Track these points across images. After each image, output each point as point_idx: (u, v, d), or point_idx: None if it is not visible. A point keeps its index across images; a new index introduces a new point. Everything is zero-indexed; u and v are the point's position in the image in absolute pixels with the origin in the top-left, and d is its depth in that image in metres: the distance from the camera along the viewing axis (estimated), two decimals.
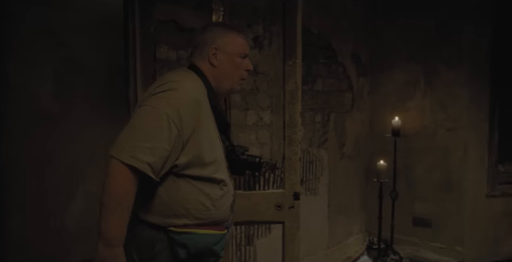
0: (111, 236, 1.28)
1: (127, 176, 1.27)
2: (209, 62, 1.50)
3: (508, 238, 3.69)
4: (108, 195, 1.27)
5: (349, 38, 3.64)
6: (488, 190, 3.59)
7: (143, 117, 1.33)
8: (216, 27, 1.55)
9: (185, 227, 1.41)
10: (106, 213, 1.27)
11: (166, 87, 1.37)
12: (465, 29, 3.48)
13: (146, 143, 1.28)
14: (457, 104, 3.55)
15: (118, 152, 1.27)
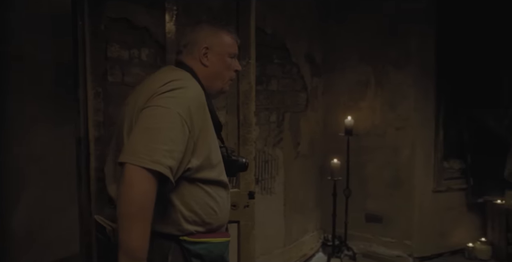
0: (136, 248, 1.19)
1: (150, 182, 1.19)
2: (200, 62, 1.47)
3: (452, 231, 3.89)
4: (130, 204, 1.18)
5: (303, 38, 3.70)
6: (434, 185, 3.77)
7: (156, 119, 1.25)
8: (207, 27, 1.51)
9: (198, 236, 1.36)
10: (129, 223, 1.18)
11: (172, 86, 1.30)
12: (412, 31, 3.64)
13: (165, 145, 1.21)
14: (405, 104, 3.70)
15: (137, 158, 1.18)
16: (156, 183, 1.20)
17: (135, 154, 1.19)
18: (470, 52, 3.93)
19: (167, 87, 1.30)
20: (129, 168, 1.18)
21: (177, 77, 1.36)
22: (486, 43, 3.97)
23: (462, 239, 3.87)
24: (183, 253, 1.33)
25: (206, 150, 1.34)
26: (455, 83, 3.97)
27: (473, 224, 3.97)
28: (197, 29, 1.50)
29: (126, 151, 1.22)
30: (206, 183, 1.36)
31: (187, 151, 1.28)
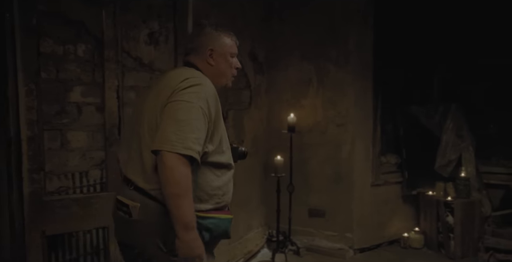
0: (188, 220, 1.42)
1: (185, 165, 1.41)
2: (207, 62, 1.69)
3: (390, 222, 4.09)
4: (176, 184, 1.40)
5: (246, 36, 3.72)
6: (372, 179, 3.94)
7: (183, 112, 1.46)
8: (210, 31, 1.71)
9: (208, 212, 1.55)
10: (179, 201, 1.40)
11: (191, 83, 1.52)
12: (351, 31, 3.77)
13: (193, 134, 1.43)
14: (345, 102, 3.83)
15: (171, 145, 1.40)
16: (190, 165, 1.43)
17: (169, 142, 1.40)
18: (405, 52, 4.14)
19: (186, 84, 1.52)
20: (167, 155, 1.40)
21: (192, 75, 1.58)
22: (420, 43, 4.20)
23: (398, 230, 4.08)
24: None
25: (219, 137, 1.56)
26: (392, 81, 4.18)
27: (408, 215, 4.20)
28: (202, 33, 1.71)
29: (160, 140, 1.42)
30: (216, 167, 1.57)
31: (206, 138, 1.49)
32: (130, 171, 1.61)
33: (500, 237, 3.61)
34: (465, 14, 4.15)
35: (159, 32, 2.77)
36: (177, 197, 1.40)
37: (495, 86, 4.30)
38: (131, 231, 1.58)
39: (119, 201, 1.60)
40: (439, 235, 3.91)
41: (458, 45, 4.24)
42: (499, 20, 4.07)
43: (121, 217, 1.59)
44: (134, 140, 1.62)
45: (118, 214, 1.62)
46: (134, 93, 2.66)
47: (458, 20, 4.16)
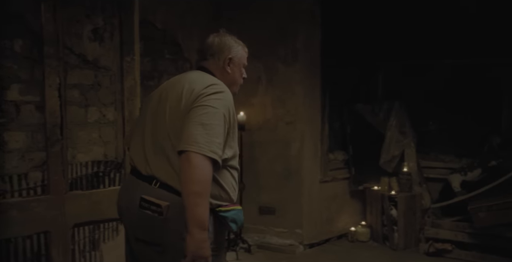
0: (204, 219, 1.48)
1: (209, 166, 1.49)
2: (224, 70, 1.77)
3: (338, 217, 4.21)
4: (199, 183, 1.47)
5: (195, 34, 3.68)
6: (321, 176, 4.04)
7: (209, 116, 1.53)
8: (230, 39, 1.81)
9: (229, 206, 1.65)
10: (199, 199, 1.47)
11: (216, 89, 1.60)
12: (299, 30, 3.83)
13: (217, 138, 1.52)
14: (294, 100, 3.89)
15: (198, 147, 1.48)
16: (212, 168, 1.51)
17: (196, 144, 1.48)
18: (352, 50, 4.27)
19: (211, 90, 1.59)
20: (194, 155, 1.47)
21: (214, 82, 1.65)
22: (366, 41, 4.35)
23: (346, 224, 4.21)
24: (219, 220, 1.62)
25: (235, 143, 1.66)
26: (339, 79, 4.30)
27: (355, 209, 4.35)
28: (222, 41, 1.79)
29: (188, 141, 1.50)
30: (232, 168, 1.67)
31: (225, 144, 1.59)
32: (153, 167, 1.64)
33: (439, 228, 3.82)
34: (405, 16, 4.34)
35: (104, 28, 2.69)
36: (198, 195, 1.47)
37: (435, 85, 4.54)
38: (158, 229, 1.59)
39: (147, 200, 1.60)
40: (384, 228, 4.08)
41: (400, 44, 4.43)
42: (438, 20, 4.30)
43: (146, 215, 1.60)
44: (152, 137, 1.67)
45: (143, 213, 1.61)
46: (78, 92, 2.56)
47: (400, 21, 4.34)
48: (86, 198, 1.80)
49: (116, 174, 2.74)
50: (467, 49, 4.21)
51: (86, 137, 2.58)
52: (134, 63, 1.81)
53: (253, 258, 3.75)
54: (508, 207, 3.45)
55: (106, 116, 2.70)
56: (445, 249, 3.75)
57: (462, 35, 4.21)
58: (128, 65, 1.80)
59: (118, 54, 2.67)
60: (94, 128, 2.65)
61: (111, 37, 2.72)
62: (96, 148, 2.65)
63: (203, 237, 1.49)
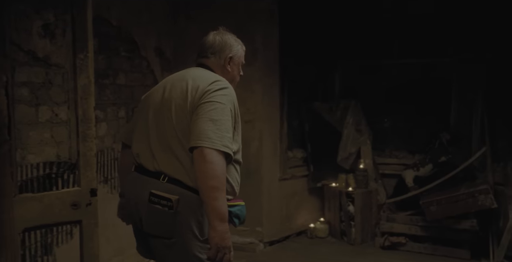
0: (224, 211, 1.55)
1: (223, 160, 1.56)
2: (225, 68, 1.83)
3: (297, 214, 4.27)
4: (216, 177, 1.52)
5: (152, 32, 3.62)
6: (280, 174, 4.08)
7: (218, 112, 1.59)
8: (231, 38, 1.89)
9: (233, 201, 1.70)
10: (217, 193, 1.52)
11: (220, 86, 1.66)
12: (257, 29, 3.85)
13: (228, 133, 1.58)
14: (253, 99, 3.90)
15: (211, 143, 1.53)
16: (226, 162, 1.57)
17: (209, 140, 1.54)
18: (310, 49, 4.34)
19: (216, 87, 1.64)
20: (208, 150, 1.53)
21: (218, 78, 1.72)
22: (323, 40, 4.43)
23: (305, 221, 4.28)
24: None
25: (240, 138, 1.72)
26: (298, 78, 4.35)
27: (314, 206, 4.43)
28: (224, 40, 1.86)
29: (201, 137, 1.55)
30: (236, 163, 1.72)
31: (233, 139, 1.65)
32: (160, 163, 1.68)
33: (393, 222, 3.96)
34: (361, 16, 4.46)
35: (55, 24, 2.59)
36: (216, 189, 1.52)
37: (390, 84, 4.69)
38: (169, 223, 1.63)
39: (157, 195, 1.64)
40: (341, 224, 4.18)
41: (356, 43, 4.54)
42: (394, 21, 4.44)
43: (156, 210, 1.64)
44: (158, 134, 1.71)
45: (153, 208, 1.65)
46: (28, 90, 2.45)
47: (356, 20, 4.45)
48: (37, 201, 1.72)
49: (70, 175, 2.65)
50: (420, 50, 4.39)
51: (37, 137, 2.47)
52: (87, 60, 1.76)
53: None
54: (456, 200, 3.62)
55: (58, 115, 2.60)
56: (400, 242, 3.89)
57: (416, 36, 4.39)
58: (81, 62, 1.74)
59: (70, 51, 2.58)
60: (46, 128, 2.54)
61: (63, 34, 2.62)
62: (48, 149, 2.55)
63: (225, 228, 1.56)
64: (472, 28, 4.09)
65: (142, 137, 1.77)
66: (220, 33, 1.91)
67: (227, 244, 1.58)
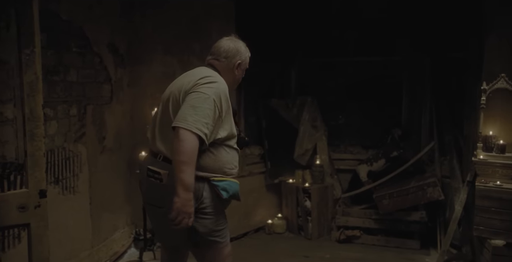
0: (189, 183, 1.83)
1: (195, 140, 1.82)
2: (232, 71, 2.16)
3: (255, 211, 4.29)
4: (185, 153, 1.80)
5: (105, 27, 3.50)
6: (238, 171, 4.06)
7: (200, 101, 1.87)
8: (241, 46, 2.20)
9: (222, 177, 2.01)
10: (184, 166, 1.81)
11: (209, 80, 1.95)
12: (213, 26, 3.83)
13: (204, 119, 1.85)
14: None
15: (186, 124, 1.82)
16: (198, 142, 1.84)
17: (185, 122, 1.83)
18: (267, 45, 4.35)
19: (204, 80, 1.95)
20: (182, 130, 1.82)
21: (210, 74, 2.03)
22: (279, 37, 4.46)
23: (263, 217, 4.31)
24: (212, 189, 1.99)
25: (229, 126, 2.01)
26: (255, 75, 4.35)
27: (272, 202, 4.47)
28: (236, 46, 2.17)
29: (179, 119, 1.85)
30: (229, 148, 2.04)
31: (216, 126, 1.93)
32: (158, 145, 2.03)
33: (349, 216, 4.07)
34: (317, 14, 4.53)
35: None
36: (183, 163, 1.80)
37: (345, 81, 4.80)
38: (160, 194, 1.98)
39: (151, 170, 2.00)
40: (299, 219, 4.24)
41: (313, 41, 4.62)
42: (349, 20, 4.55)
43: (153, 183, 2.01)
44: (160, 121, 2.07)
45: (150, 181, 2.02)
46: None
47: (312, 18, 4.52)
48: None
49: (17, 176, 2.52)
50: (374, 48, 4.52)
51: None
52: (34, 56, 1.67)
53: None
54: (407, 193, 3.78)
55: (4, 114, 2.46)
56: (354, 235, 4.01)
57: (370, 36, 4.52)
58: (27, 58, 1.65)
59: (15, 46, 2.46)
60: None
61: (7, 28, 2.48)
62: None
63: (188, 197, 1.83)
64: (420, 29, 4.27)
65: (153, 126, 2.14)
66: (233, 41, 2.20)
67: (188, 210, 1.84)
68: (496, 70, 3.34)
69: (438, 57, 4.28)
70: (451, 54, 4.17)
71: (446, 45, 4.17)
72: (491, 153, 3.26)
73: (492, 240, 3.07)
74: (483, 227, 3.10)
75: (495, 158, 3.23)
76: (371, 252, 3.80)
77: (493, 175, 3.22)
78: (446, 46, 4.17)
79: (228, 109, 1.99)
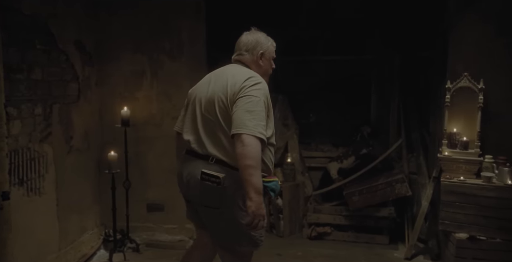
0: (259, 186, 1.90)
1: (259, 144, 1.91)
2: (257, 63, 2.22)
3: None
4: (252, 158, 1.88)
5: (71, 24, 3.42)
6: None
7: (253, 104, 1.96)
8: (262, 37, 2.25)
9: (269, 177, 2.10)
10: (253, 170, 1.87)
11: (255, 81, 2.03)
12: (183, 24, 3.79)
13: (261, 122, 1.95)
14: (180, 94, 3.81)
15: (248, 130, 1.90)
16: (261, 145, 1.93)
17: (247, 128, 1.91)
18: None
19: (251, 82, 2.02)
20: (245, 136, 1.90)
21: (252, 74, 2.09)
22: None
23: None
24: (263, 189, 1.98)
25: (272, 124, 2.11)
26: None
27: None
28: (254, 38, 2.23)
29: (239, 125, 1.92)
30: (270, 145, 2.11)
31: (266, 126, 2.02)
32: (209, 149, 2.06)
33: (319, 213, 4.12)
34: (288, 11, 4.56)
35: None
36: (251, 168, 1.87)
37: (315, 80, 4.85)
38: (217, 196, 2.02)
39: (206, 173, 2.02)
40: (270, 217, 4.26)
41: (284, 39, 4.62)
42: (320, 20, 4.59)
43: (209, 185, 2.02)
44: (204, 123, 2.10)
45: (205, 184, 2.03)
46: None
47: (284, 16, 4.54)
48: None
49: None
50: (343, 47, 4.59)
51: None
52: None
53: (142, 257, 3.64)
54: (376, 189, 3.85)
55: None
56: (325, 232, 4.06)
57: (339, 35, 4.58)
58: None
59: None
60: None
61: None
62: None
63: (260, 200, 1.90)
64: (391, 29, 4.36)
65: (191, 125, 2.16)
66: (252, 33, 2.26)
67: (262, 212, 1.92)
68: (459, 69, 3.45)
69: (407, 56, 4.38)
70: (419, 53, 4.27)
71: (415, 44, 4.27)
72: (455, 150, 3.37)
73: (456, 233, 3.18)
74: (448, 221, 3.20)
75: (459, 154, 3.34)
76: (342, 248, 3.86)
77: (457, 170, 3.33)
78: (414, 45, 4.28)
79: (271, 107, 2.10)
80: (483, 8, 3.43)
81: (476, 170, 3.30)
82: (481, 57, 3.46)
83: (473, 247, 3.11)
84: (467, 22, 3.48)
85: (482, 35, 3.45)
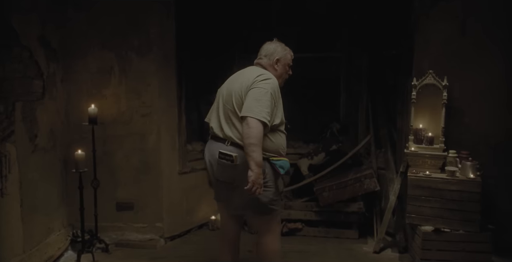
0: (259, 160, 2.33)
1: (261, 126, 2.32)
2: (273, 67, 2.64)
3: (198, 207, 4.27)
4: (254, 137, 2.30)
5: (34, 19, 3.31)
6: (180, 167, 4.03)
7: (261, 94, 2.37)
8: (279, 46, 2.68)
9: (278, 156, 2.52)
10: (255, 147, 2.30)
11: (265, 77, 2.45)
12: (152, 21, 3.73)
13: (266, 109, 2.36)
14: (149, 92, 3.79)
15: (254, 114, 2.32)
16: (263, 127, 2.34)
17: (252, 112, 2.33)
18: (208, 42, 4.32)
19: (261, 78, 2.45)
20: (250, 119, 2.31)
21: (264, 72, 2.52)
22: (220, 34, 4.44)
23: (206, 213, 4.30)
24: (272, 166, 2.49)
25: (281, 114, 2.51)
26: (196, 71, 4.31)
27: None
28: (273, 47, 2.66)
29: (247, 110, 2.35)
30: (281, 132, 2.54)
31: (272, 114, 2.42)
32: (227, 132, 2.48)
33: (291, 209, 4.15)
34: (258, 10, 4.56)
35: None
36: (254, 145, 2.29)
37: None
38: (232, 172, 2.47)
39: (223, 153, 2.45)
40: None
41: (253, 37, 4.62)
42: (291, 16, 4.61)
43: (224, 163, 2.46)
44: (224, 112, 2.53)
45: (221, 162, 2.47)
46: None
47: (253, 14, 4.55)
48: None
49: None
50: (313, 44, 4.62)
51: None
52: None
53: (111, 257, 3.58)
54: (345, 185, 3.92)
55: None
56: (297, 228, 4.10)
57: (310, 32, 4.62)
58: None
59: None
60: None
61: None
62: None
63: (259, 171, 2.32)
64: (360, 27, 4.43)
65: (215, 115, 2.60)
66: (273, 43, 2.68)
67: (260, 182, 2.34)
68: (424, 67, 3.55)
69: (375, 55, 4.46)
70: (386, 52, 4.35)
71: (383, 43, 4.35)
72: (421, 145, 3.46)
73: (422, 226, 3.27)
74: (415, 214, 3.29)
75: (425, 150, 3.44)
76: (312, 244, 3.90)
77: (423, 165, 3.42)
78: (382, 43, 4.36)
79: (279, 100, 2.47)
80: (448, 7, 3.54)
81: (440, 164, 3.40)
82: (446, 55, 3.57)
83: (438, 239, 3.21)
84: (432, 21, 3.57)
85: (447, 34, 3.56)
